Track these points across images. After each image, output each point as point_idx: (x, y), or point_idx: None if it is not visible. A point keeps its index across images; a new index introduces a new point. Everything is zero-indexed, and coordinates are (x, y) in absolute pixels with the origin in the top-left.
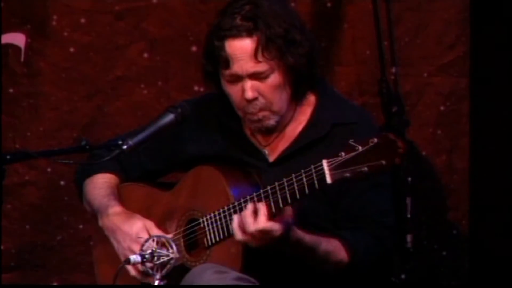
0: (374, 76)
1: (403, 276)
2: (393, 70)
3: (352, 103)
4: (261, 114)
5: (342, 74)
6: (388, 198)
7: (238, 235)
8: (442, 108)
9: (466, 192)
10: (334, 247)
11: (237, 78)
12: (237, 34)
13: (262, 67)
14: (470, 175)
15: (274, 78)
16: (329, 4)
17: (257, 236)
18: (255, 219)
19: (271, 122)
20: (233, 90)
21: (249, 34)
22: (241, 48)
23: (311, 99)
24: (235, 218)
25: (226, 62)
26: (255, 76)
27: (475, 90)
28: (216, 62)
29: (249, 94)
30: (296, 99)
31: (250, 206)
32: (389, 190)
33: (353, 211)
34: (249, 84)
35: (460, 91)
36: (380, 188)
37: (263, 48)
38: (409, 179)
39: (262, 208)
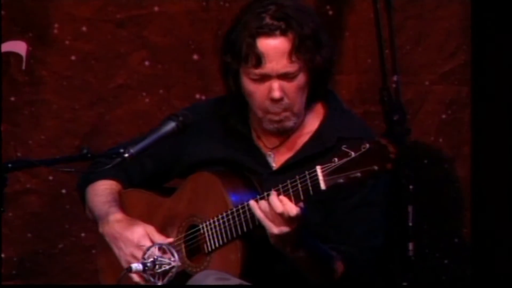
0: (376, 84)
1: (404, 284)
2: (395, 78)
3: (358, 118)
4: (283, 115)
5: (343, 82)
6: (379, 217)
7: (261, 217)
8: (443, 116)
9: (467, 200)
10: (332, 255)
11: (265, 77)
12: (270, 32)
13: (293, 67)
14: (472, 183)
15: (300, 79)
16: (330, 13)
17: (283, 217)
18: (282, 203)
19: (290, 123)
20: (257, 90)
21: (283, 33)
22: (276, 47)
23: (320, 110)
24: (254, 203)
25: (257, 60)
26: (284, 76)
27: (476, 99)
28: (244, 60)
29: (277, 94)
30: (307, 104)
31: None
32: (381, 208)
33: (342, 226)
34: (277, 84)
35: (462, 100)
36: (371, 207)
37: (297, 49)
38: (411, 187)
39: (284, 198)
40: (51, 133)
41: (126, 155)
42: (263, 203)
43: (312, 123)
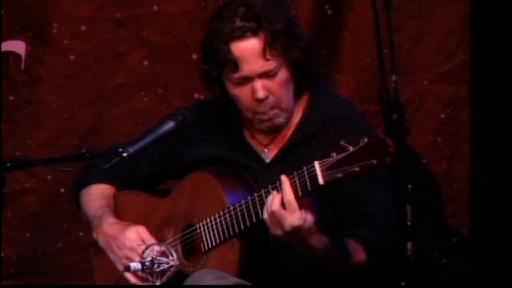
0: (375, 83)
1: (403, 284)
2: (394, 77)
3: (343, 98)
4: (271, 113)
5: (342, 81)
6: (389, 194)
7: (273, 229)
8: (442, 115)
9: (466, 199)
10: (353, 247)
11: (246, 80)
12: (242, 35)
13: (271, 65)
14: (470, 182)
15: (282, 75)
16: (329, 12)
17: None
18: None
19: (281, 119)
20: (241, 93)
21: (254, 33)
22: (249, 49)
23: (304, 98)
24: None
25: (234, 65)
26: (264, 75)
27: (475, 98)
28: (222, 66)
29: (261, 94)
30: (295, 96)
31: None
32: (389, 186)
33: (354, 208)
34: (259, 83)
35: (460, 99)
36: (379, 184)
37: (270, 46)
38: (410, 186)
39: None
40: (50, 133)
41: (125, 154)
42: (269, 211)
43: (299, 112)
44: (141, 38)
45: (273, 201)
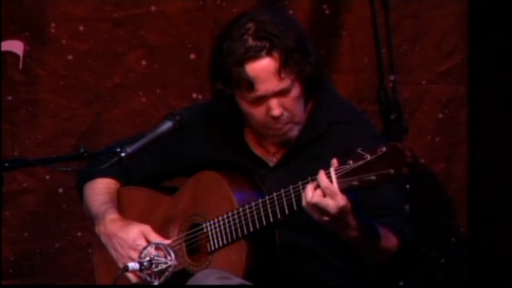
0: (373, 83)
1: (401, 284)
2: (392, 77)
3: (348, 102)
4: (286, 128)
5: (340, 81)
6: (397, 188)
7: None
8: (440, 115)
9: (464, 199)
10: (384, 231)
11: (261, 99)
12: (256, 55)
13: (285, 83)
14: (469, 182)
15: (295, 91)
16: (327, 12)
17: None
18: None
19: (294, 133)
20: (256, 110)
21: (268, 53)
22: (264, 69)
23: (309, 100)
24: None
25: (249, 85)
26: (279, 93)
27: (473, 98)
28: (236, 86)
29: (276, 112)
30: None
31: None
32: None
33: (368, 202)
34: (274, 101)
35: (459, 99)
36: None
37: (285, 65)
38: (408, 186)
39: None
40: (48, 132)
41: (123, 154)
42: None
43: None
44: (139, 38)
45: (314, 191)
